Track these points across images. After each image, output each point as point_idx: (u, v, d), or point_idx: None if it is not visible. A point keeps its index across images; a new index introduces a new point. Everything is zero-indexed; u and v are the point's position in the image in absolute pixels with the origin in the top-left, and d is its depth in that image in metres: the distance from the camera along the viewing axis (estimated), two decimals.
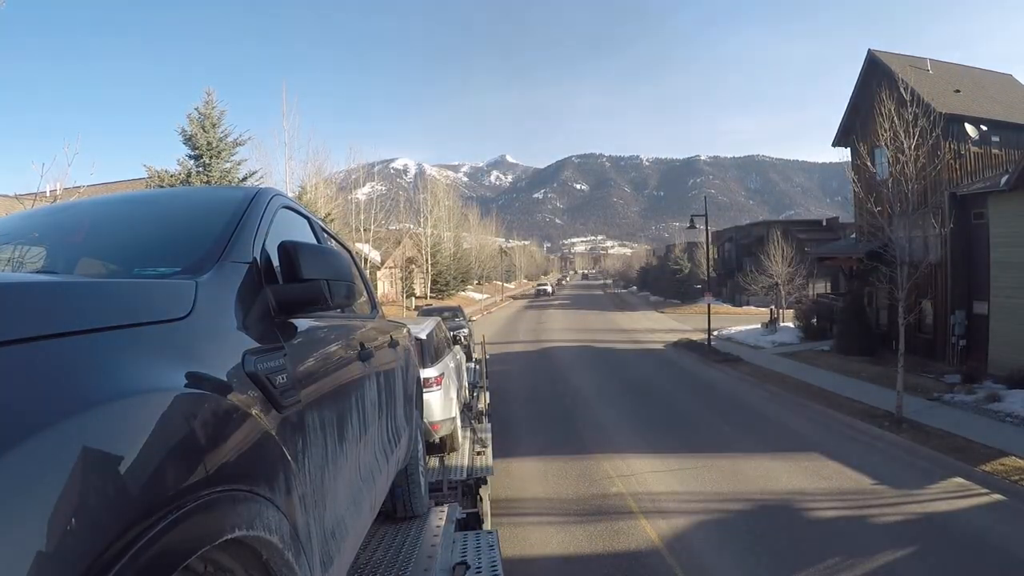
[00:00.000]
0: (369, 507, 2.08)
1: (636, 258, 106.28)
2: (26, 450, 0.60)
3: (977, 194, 14.31)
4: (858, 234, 18.79)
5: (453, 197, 57.47)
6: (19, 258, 1.66)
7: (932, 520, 6.66)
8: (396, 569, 2.65)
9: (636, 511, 7.17)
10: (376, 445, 2.28)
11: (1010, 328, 12.71)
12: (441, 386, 5.94)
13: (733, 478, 8.16)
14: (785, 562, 5.79)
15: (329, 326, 1.93)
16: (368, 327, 2.53)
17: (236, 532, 0.90)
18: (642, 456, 9.23)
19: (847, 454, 8.96)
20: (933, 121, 11.80)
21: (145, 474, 0.73)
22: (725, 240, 43.74)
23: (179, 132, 17.27)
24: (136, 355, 0.87)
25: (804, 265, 25.84)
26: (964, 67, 20.29)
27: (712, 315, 20.65)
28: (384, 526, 3.21)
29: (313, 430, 1.44)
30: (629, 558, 6.03)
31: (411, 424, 3.23)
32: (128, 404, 0.77)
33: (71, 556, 0.61)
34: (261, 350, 1.26)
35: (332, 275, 1.49)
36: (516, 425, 11.20)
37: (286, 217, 1.97)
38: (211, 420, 0.93)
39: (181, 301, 1.12)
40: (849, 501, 7.30)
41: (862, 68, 18.74)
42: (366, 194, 34.51)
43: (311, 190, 23.12)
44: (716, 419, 11.50)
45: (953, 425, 9.69)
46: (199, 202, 2.07)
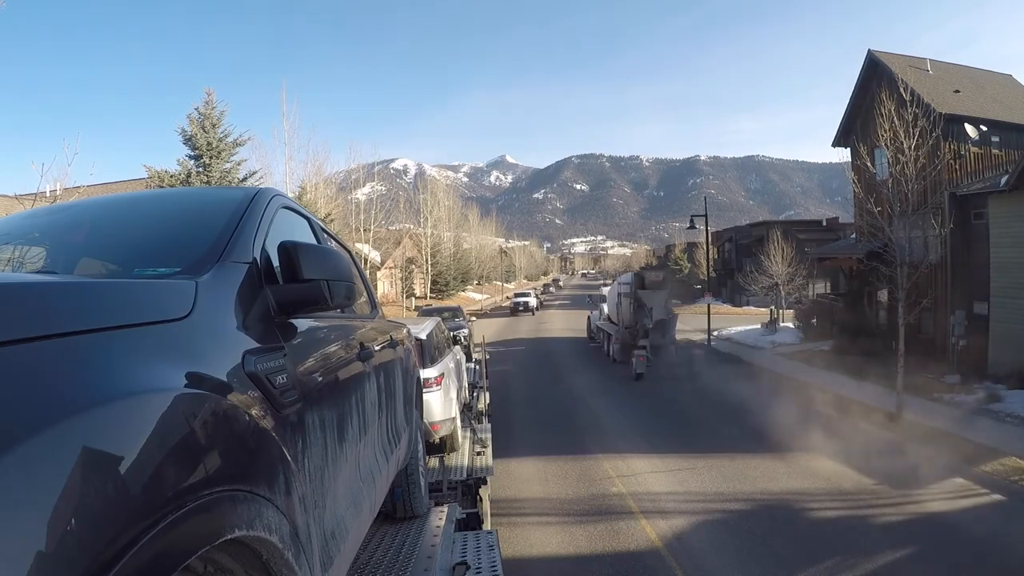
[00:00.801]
0: (369, 507, 2.08)
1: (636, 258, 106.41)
2: (26, 450, 0.59)
3: (977, 194, 14.31)
4: (858, 234, 18.79)
5: (453, 197, 57.48)
6: (19, 258, 1.66)
7: (932, 520, 6.66)
8: (396, 569, 2.65)
9: (636, 511, 7.17)
10: (376, 445, 2.28)
11: (1010, 328, 12.71)
12: (441, 386, 5.94)
13: (733, 478, 8.16)
14: (785, 562, 5.79)
15: (329, 326, 1.93)
16: (368, 327, 2.53)
17: (236, 532, 0.90)
18: (642, 456, 9.23)
19: (847, 454, 8.95)
20: (933, 121, 11.82)
21: (145, 474, 0.73)
22: (725, 240, 43.75)
23: (179, 132, 17.29)
24: (136, 355, 0.87)
25: (804, 265, 25.84)
26: (964, 67, 20.30)
27: (712, 315, 20.66)
28: (384, 526, 3.21)
29: (313, 430, 1.44)
30: (629, 558, 6.02)
31: (411, 424, 3.23)
32: (128, 404, 0.77)
33: (71, 556, 0.61)
34: (261, 350, 1.26)
35: (332, 275, 1.49)
36: (515, 424, 11.20)
37: (286, 217, 1.97)
38: (211, 420, 0.93)
39: (181, 301, 1.12)
40: (849, 501, 7.30)
41: (862, 68, 18.75)
42: (366, 194, 34.53)
43: (311, 190, 23.13)
44: (716, 419, 11.51)
45: (953, 425, 9.69)
46: (199, 202, 2.07)
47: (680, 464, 8.85)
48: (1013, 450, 8.26)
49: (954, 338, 14.71)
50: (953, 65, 20.15)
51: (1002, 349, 12.83)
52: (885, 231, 11.21)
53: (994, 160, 15.90)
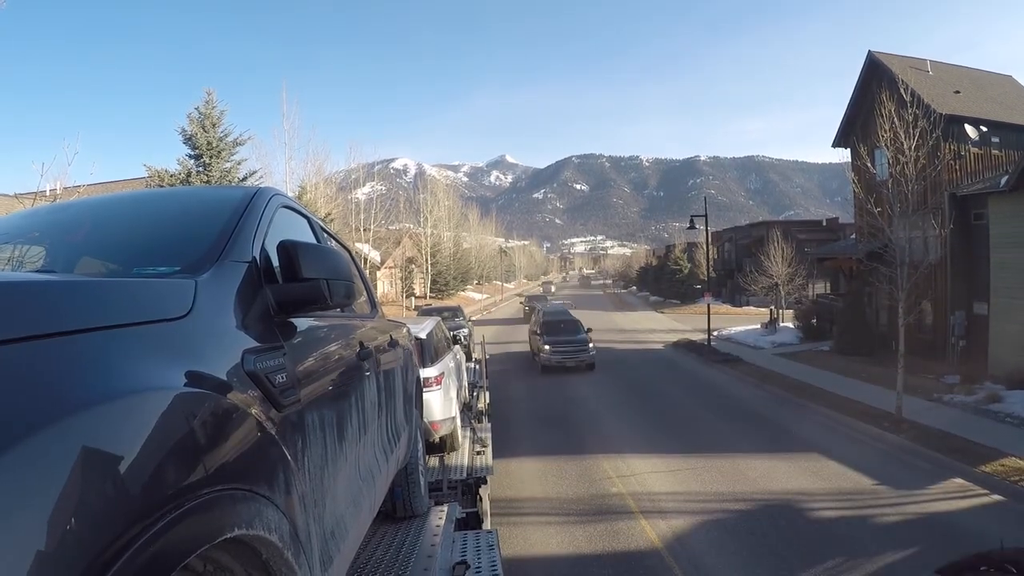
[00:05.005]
0: (369, 507, 2.08)
1: (636, 258, 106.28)
2: (26, 450, 0.59)
3: (977, 195, 14.32)
4: (858, 235, 18.80)
5: (453, 197, 57.50)
6: (19, 257, 1.66)
7: (932, 521, 6.66)
8: (396, 569, 2.65)
9: (636, 511, 7.17)
10: (376, 444, 2.28)
11: (1010, 328, 12.71)
12: (441, 386, 5.94)
13: (733, 478, 8.16)
14: (785, 563, 5.79)
15: (329, 326, 1.93)
16: (368, 327, 2.53)
17: (236, 531, 0.90)
18: (642, 456, 9.23)
19: (847, 455, 8.96)
20: (933, 122, 11.80)
21: (145, 473, 0.73)
22: (725, 240, 43.74)
23: (179, 132, 17.27)
24: (136, 354, 0.87)
25: (804, 266, 25.84)
26: (964, 68, 20.31)
27: (712, 315, 20.65)
28: (384, 526, 3.21)
29: (313, 429, 1.44)
30: (629, 558, 6.02)
31: (411, 424, 3.23)
32: (128, 403, 0.77)
33: (71, 556, 0.60)
34: (261, 349, 1.26)
35: (332, 275, 1.49)
36: (515, 424, 11.20)
37: (286, 216, 1.97)
38: (211, 419, 0.93)
39: (180, 300, 1.12)
40: (849, 502, 7.30)
41: (862, 69, 18.75)
42: (366, 194, 34.56)
43: (311, 190, 23.14)
44: (716, 419, 11.51)
45: (953, 426, 9.68)
46: (199, 201, 2.07)
47: (680, 464, 8.85)
48: (1013, 450, 8.26)
49: (954, 338, 14.72)
50: (953, 66, 20.15)
51: (1002, 349, 12.82)
52: (885, 231, 11.20)
53: (994, 161, 15.91)
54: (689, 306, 37.35)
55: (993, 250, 13.46)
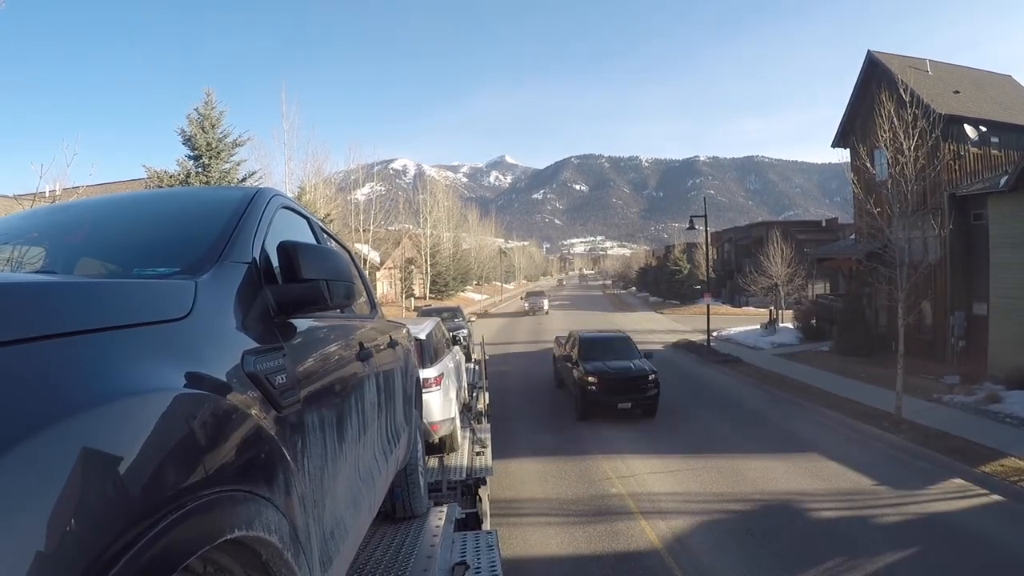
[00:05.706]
0: (368, 507, 2.08)
1: (635, 259, 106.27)
2: (26, 450, 0.59)
3: (976, 195, 14.33)
4: (857, 235, 18.82)
5: (452, 198, 57.49)
6: (19, 258, 1.66)
7: (932, 521, 6.66)
8: (396, 569, 2.65)
9: (635, 512, 7.17)
10: (375, 445, 2.28)
11: (1010, 329, 12.72)
12: (441, 386, 5.93)
13: (732, 479, 8.16)
14: (784, 563, 5.79)
15: (328, 326, 1.93)
16: (367, 327, 2.53)
17: (236, 532, 0.90)
18: (641, 457, 9.23)
19: (846, 455, 8.96)
20: (933, 122, 11.82)
21: (145, 474, 0.73)
22: (724, 241, 43.76)
23: (178, 133, 17.28)
24: (135, 355, 0.87)
25: (803, 266, 25.85)
26: (964, 68, 20.33)
27: (711, 316, 20.65)
28: (384, 526, 3.21)
29: (312, 430, 1.44)
30: (628, 559, 6.02)
31: (410, 424, 3.23)
32: (127, 404, 0.76)
33: (71, 556, 0.60)
34: (260, 350, 1.26)
35: (331, 275, 1.49)
36: (515, 424, 11.20)
37: (285, 217, 1.97)
38: (210, 420, 0.93)
39: (180, 301, 1.12)
40: (849, 502, 7.30)
41: (862, 69, 18.77)
42: (365, 195, 34.59)
43: (311, 190, 23.15)
44: (715, 420, 11.51)
45: (952, 426, 9.69)
46: (198, 202, 2.07)
47: (679, 464, 8.85)
48: (1013, 451, 8.26)
49: (954, 338, 14.73)
50: (953, 66, 20.17)
51: (1002, 349, 12.83)
52: (885, 232, 11.21)
53: (993, 161, 15.93)
54: (688, 307, 37.38)
55: (993, 250, 13.47)
